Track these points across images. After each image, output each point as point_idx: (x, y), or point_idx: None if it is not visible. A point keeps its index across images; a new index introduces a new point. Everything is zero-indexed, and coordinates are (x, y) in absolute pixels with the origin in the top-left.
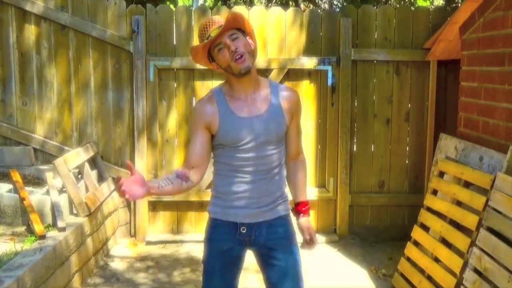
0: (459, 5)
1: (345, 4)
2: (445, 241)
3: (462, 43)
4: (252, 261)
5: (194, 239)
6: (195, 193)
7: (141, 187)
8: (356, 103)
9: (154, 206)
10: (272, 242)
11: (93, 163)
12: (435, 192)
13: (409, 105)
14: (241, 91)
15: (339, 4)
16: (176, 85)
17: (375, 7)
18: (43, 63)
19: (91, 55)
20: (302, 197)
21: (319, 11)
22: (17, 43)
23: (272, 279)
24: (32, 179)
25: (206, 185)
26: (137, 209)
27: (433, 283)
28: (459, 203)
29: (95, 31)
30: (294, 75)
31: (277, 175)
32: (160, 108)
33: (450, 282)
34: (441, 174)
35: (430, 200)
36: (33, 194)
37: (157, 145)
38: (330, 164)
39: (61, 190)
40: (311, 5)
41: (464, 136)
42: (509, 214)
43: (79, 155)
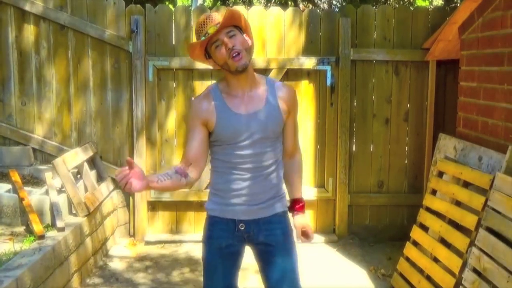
0: (458, 5)
1: (344, 4)
2: (444, 241)
3: (461, 43)
4: (252, 261)
5: (193, 239)
6: (194, 193)
7: (140, 180)
8: (355, 103)
9: (153, 206)
10: (269, 239)
11: (92, 163)
12: (434, 192)
13: (408, 105)
14: (237, 88)
15: (338, 4)
16: (175, 85)
17: (374, 7)
18: (42, 63)
19: (90, 55)
20: (297, 195)
21: (318, 11)
22: (16, 43)
23: (269, 275)
24: (31, 179)
25: (205, 185)
26: (136, 209)
27: (432, 283)
28: (458, 203)
29: (94, 31)
30: (293, 75)
31: (274, 172)
32: (159, 108)
33: (449, 282)
34: (440, 174)
35: (429, 200)
36: (32, 194)
37: (156, 145)
38: (329, 164)
39: (60, 190)
40: (310, 5)
41: (463, 136)
42: (508, 214)
43: (78, 155)
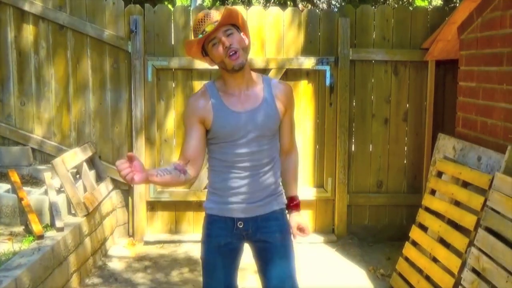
0: (457, 5)
1: (343, 4)
2: (443, 241)
3: (460, 43)
4: (250, 261)
5: (192, 239)
6: (193, 193)
7: (140, 172)
8: (354, 103)
9: (152, 206)
10: (267, 236)
11: (91, 163)
12: (433, 192)
13: (407, 105)
14: (234, 87)
15: (337, 4)
16: (174, 85)
17: (373, 7)
18: (41, 63)
19: (89, 55)
20: (292, 193)
21: (317, 11)
22: (15, 43)
23: (267, 275)
24: (30, 179)
25: (204, 185)
26: (135, 209)
27: (431, 283)
28: (457, 203)
29: (93, 31)
30: (292, 75)
31: (271, 170)
32: (158, 108)
33: (448, 282)
34: (439, 174)
35: (428, 200)
36: (31, 194)
37: (155, 145)
38: (328, 164)
39: (59, 190)
40: (309, 5)
41: (462, 136)
42: (507, 214)
43: (77, 155)
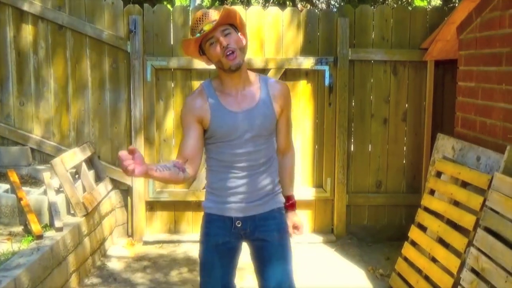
0: (457, 5)
1: (342, 4)
2: (442, 241)
3: (459, 43)
4: (249, 261)
5: (191, 239)
6: (192, 193)
7: (140, 165)
8: (353, 103)
9: (152, 206)
10: (265, 234)
11: (90, 163)
12: (432, 192)
13: (406, 105)
14: (231, 87)
15: (336, 4)
16: (173, 85)
17: (372, 7)
18: (41, 63)
19: (89, 55)
20: (288, 192)
21: (316, 11)
22: (14, 43)
23: (263, 272)
24: (29, 179)
25: (203, 185)
26: (134, 209)
27: (430, 283)
28: (456, 203)
29: (92, 31)
30: (291, 75)
31: (269, 169)
32: (158, 108)
33: (447, 282)
34: (438, 174)
35: (427, 200)
36: (30, 194)
37: (155, 145)
38: (327, 164)
39: (58, 190)
40: (309, 5)
41: (462, 136)
42: (506, 214)
43: (76, 155)
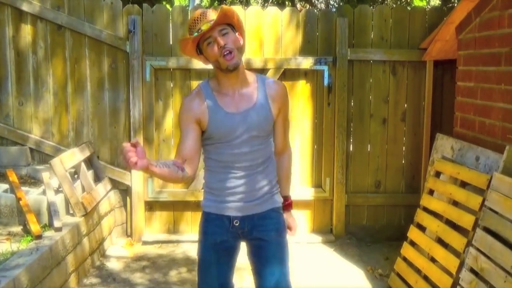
0: (456, 5)
1: (341, 4)
2: (441, 241)
3: (458, 43)
4: (248, 261)
5: (190, 239)
6: (192, 193)
7: (142, 159)
8: (352, 103)
9: (151, 206)
10: (263, 234)
11: (90, 163)
12: (431, 192)
13: (405, 105)
14: (228, 87)
15: (335, 4)
16: (172, 85)
17: (371, 7)
18: (40, 63)
19: (88, 55)
20: (285, 193)
21: (315, 11)
22: (13, 43)
23: (261, 272)
24: (29, 179)
25: (202, 185)
26: (133, 209)
27: (429, 283)
28: (455, 203)
29: (91, 31)
30: (290, 75)
31: (267, 169)
32: (157, 108)
33: (446, 282)
34: (437, 174)
35: (426, 200)
36: (29, 194)
37: (154, 144)
38: (327, 164)
39: (57, 190)
40: (308, 5)
41: (461, 136)
42: (505, 214)
43: (75, 155)
